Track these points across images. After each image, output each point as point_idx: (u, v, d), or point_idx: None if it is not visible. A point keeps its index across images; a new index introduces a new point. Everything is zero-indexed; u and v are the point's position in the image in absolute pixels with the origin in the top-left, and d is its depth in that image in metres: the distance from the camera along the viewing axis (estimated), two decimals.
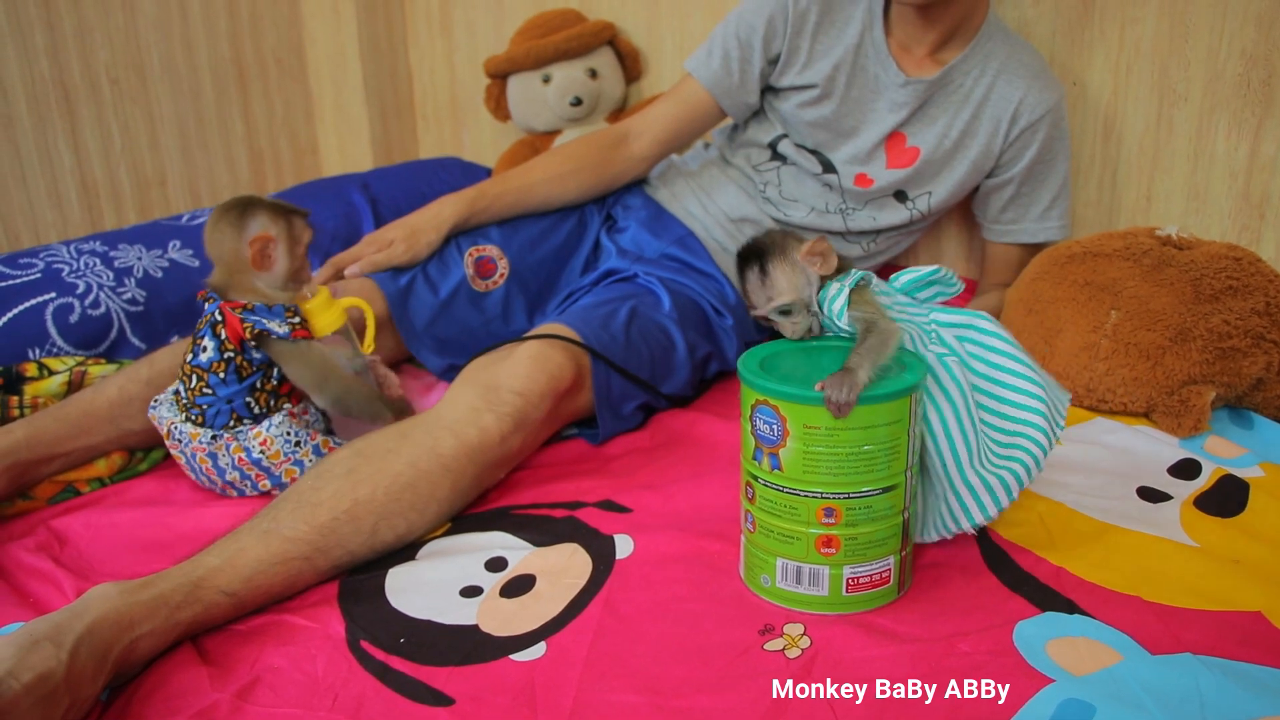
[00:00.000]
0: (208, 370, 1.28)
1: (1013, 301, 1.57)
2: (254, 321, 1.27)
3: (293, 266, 1.33)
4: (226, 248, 1.31)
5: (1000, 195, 1.69)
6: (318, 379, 1.30)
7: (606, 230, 1.75)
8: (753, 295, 1.10)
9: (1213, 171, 1.69)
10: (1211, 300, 1.40)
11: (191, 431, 1.30)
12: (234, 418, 1.30)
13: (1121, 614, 1.02)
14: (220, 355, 1.28)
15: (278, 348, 1.29)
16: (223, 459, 1.29)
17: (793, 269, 1.09)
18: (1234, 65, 1.63)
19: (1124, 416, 1.44)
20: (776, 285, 1.09)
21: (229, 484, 1.31)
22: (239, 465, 1.29)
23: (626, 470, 1.35)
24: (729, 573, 1.10)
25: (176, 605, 1.02)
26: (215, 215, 1.34)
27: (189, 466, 1.33)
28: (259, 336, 1.27)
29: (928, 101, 1.63)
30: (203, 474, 1.32)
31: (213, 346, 1.28)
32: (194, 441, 1.30)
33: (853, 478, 0.98)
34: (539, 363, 1.32)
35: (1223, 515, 1.20)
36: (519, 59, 2.15)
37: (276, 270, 1.32)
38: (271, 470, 1.30)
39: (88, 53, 2.15)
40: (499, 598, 1.09)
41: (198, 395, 1.29)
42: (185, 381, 1.31)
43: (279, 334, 1.27)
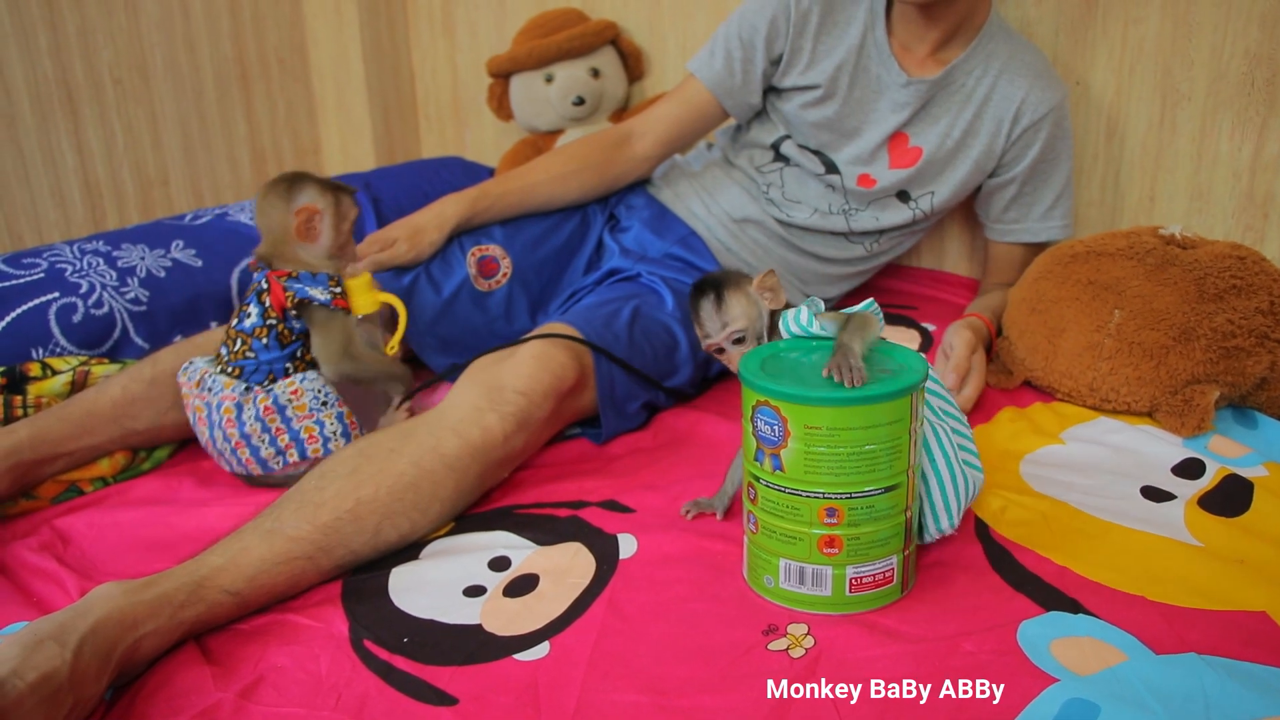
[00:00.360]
0: (251, 335, 1.32)
1: (1016, 301, 1.57)
2: (296, 289, 1.31)
3: (337, 241, 1.38)
4: (275, 218, 1.36)
5: (1003, 195, 1.69)
6: (341, 350, 1.34)
7: (610, 230, 1.75)
8: (707, 323, 1.13)
9: (1216, 171, 1.69)
10: (1215, 300, 1.40)
11: (225, 381, 1.32)
12: (270, 379, 1.32)
13: (1126, 614, 1.01)
14: (263, 321, 1.32)
15: (316, 314, 1.33)
16: (247, 410, 1.30)
17: (747, 299, 1.13)
18: (1237, 65, 1.62)
19: (1127, 416, 1.43)
20: (731, 312, 1.12)
21: (243, 438, 1.30)
22: (262, 415, 1.30)
23: (630, 470, 1.35)
24: (732, 573, 1.10)
25: (180, 604, 1.02)
26: (265, 187, 1.38)
27: (206, 421, 1.33)
28: (300, 304, 1.31)
29: (930, 101, 1.63)
30: (217, 428, 1.31)
31: (256, 313, 1.32)
32: (225, 390, 1.31)
33: (854, 477, 0.98)
34: (542, 362, 1.32)
35: (1227, 515, 1.20)
36: (521, 58, 2.15)
37: (321, 242, 1.37)
38: (292, 423, 1.30)
39: (91, 53, 2.16)
40: (502, 597, 1.09)
41: (239, 358, 1.32)
42: (229, 345, 1.34)
43: (320, 300, 1.32)
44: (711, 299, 1.12)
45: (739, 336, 1.12)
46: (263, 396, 1.30)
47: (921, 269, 2.02)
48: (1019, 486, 1.27)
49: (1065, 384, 1.47)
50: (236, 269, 1.74)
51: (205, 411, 1.33)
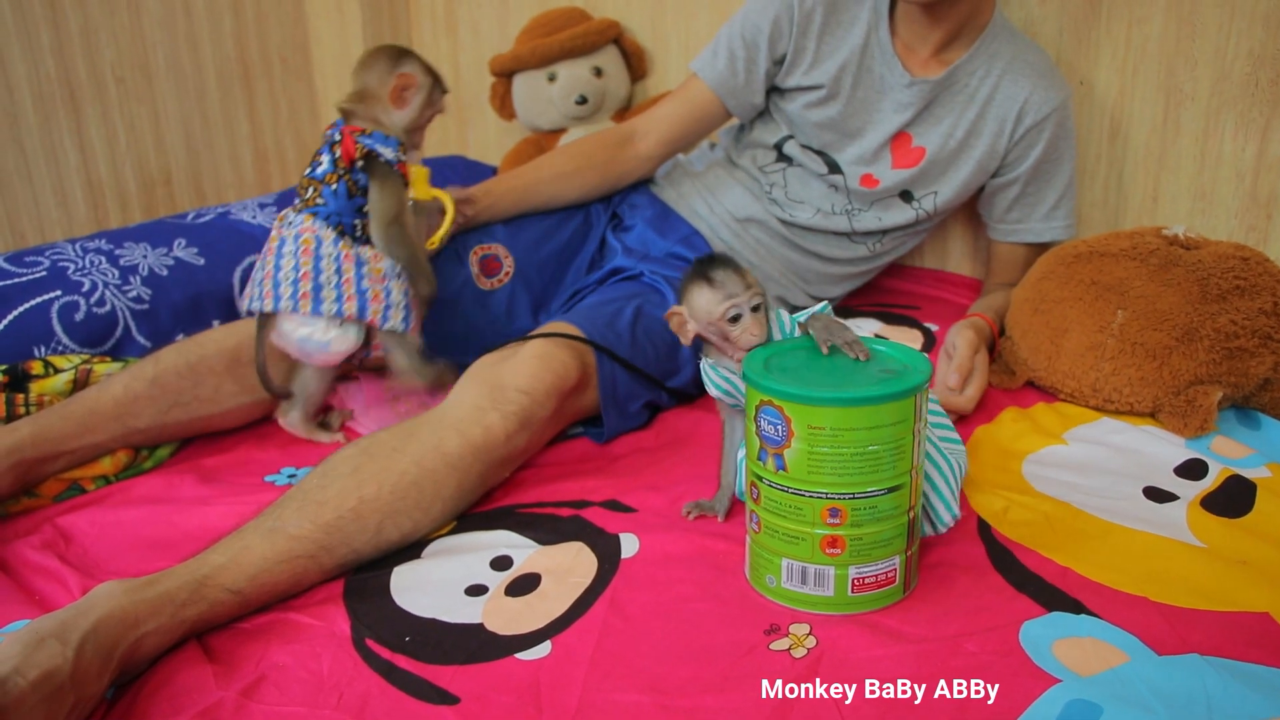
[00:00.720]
0: (322, 181, 1.37)
1: (1019, 301, 1.57)
2: (366, 143, 1.37)
3: (416, 122, 1.44)
4: (373, 78, 1.42)
5: (1006, 195, 1.69)
6: (393, 212, 1.38)
7: (612, 229, 1.75)
8: (729, 284, 1.09)
9: (1220, 171, 1.69)
10: (1219, 300, 1.39)
11: (308, 215, 1.37)
12: (339, 230, 1.37)
13: (1128, 614, 1.01)
14: (334, 169, 1.37)
15: (378, 170, 1.37)
16: (327, 248, 1.34)
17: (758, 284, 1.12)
18: (1241, 65, 1.62)
19: (1130, 416, 1.43)
20: (749, 278, 1.11)
21: (313, 272, 1.33)
22: (341, 259, 1.34)
23: (632, 470, 1.35)
24: (734, 573, 1.10)
25: (182, 603, 1.02)
26: (374, 49, 1.45)
27: (275, 253, 1.36)
28: (368, 157, 1.36)
29: (933, 101, 1.63)
30: (287, 257, 1.34)
31: (328, 161, 1.37)
32: (307, 223, 1.35)
33: (857, 478, 0.98)
34: (544, 361, 1.32)
35: (1229, 516, 1.20)
36: (524, 57, 2.15)
37: (405, 113, 1.42)
38: (363, 280, 1.34)
39: (93, 51, 2.16)
40: (504, 596, 1.09)
41: (310, 205, 1.37)
42: (301, 194, 1.39)
43: (387, 158, 1.37)
44: (732, 265, 1.10)
45: (758, 303, 1.10)
46: (345, 242, 1.35)
47: (924, 269, 2.02)
48: (1021, 487, 1.27)
49: (1068, 384, 1.47)
50: (239, 267, 1.74)
51: (278, 243, 1.36)
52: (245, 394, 1.46)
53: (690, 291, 1.11)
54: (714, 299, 1.09)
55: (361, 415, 1.51)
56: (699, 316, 1.11)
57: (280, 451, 1.45)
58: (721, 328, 1.10)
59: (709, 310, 1.10)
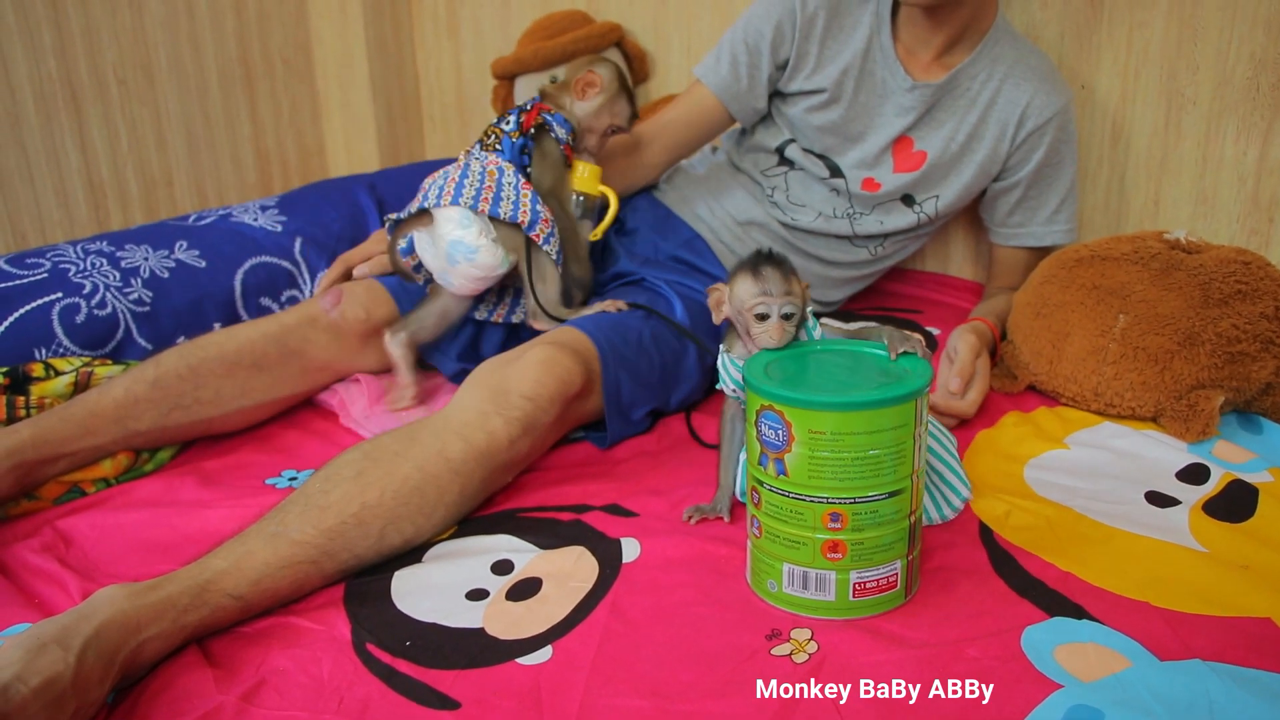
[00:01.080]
0: (505, 132, 1.51)
1: (1021, 305, 1.57)
2: (546, 118, 1.53)
3: (594, 123, 1.58)
4: (574, 69, 1.59)
5: (1007, 198, 1.69)
6: (548, 184, 1.52)
7: (615, 232, 1.75)
8: (770, 283, 1.09)
9: (1221, 175, 1.69)
10: (1220, 304, 1.39)
11: (492, 155, 1.50)
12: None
13: (1130, 620, 1.01)
14: (517, 126, 1.51)
15: (545, 145, 1.53)
16: (509, 176, 1.46)
17: (801, 289, 1.12)
18: (1243, 69, 1.62)
19: (1132, 421, 1.43)
20: (794, 287, 1.11)
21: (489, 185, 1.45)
22: (520, 185, 1.46)
23: (633, 474, 1.35)
24: (736, 577, 1.10)
25: (183, 608, 1.02)
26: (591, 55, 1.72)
27: (460, 168, 1.48)
28: (539, 130, 1.52)
29: (935, 105, 1.63)
30: (472, 173, 1.46)
31: (514, 121, 1.52)
32: (487, 155, 1.50)
33: (858, 482, 0.98)
34: (548, 367, 1.31)
35: (1231, 520, 1.20)
36: (526, 60, 2.15)
37: (583, 105, 1.57)
38: (536, 204, 1.46)
39: (95, 52, 2.16)
40: (505, 601, 1.09)
41: (489, 150, 1.51)
42: (483, 139, 1.53)
43: (558, 135, 1.53)
44: (782, 268, 1.11)
45: (792, 311, 1.10)
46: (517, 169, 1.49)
47: (926, 273, 2.02)
48: (1023, 491, 1.27)
49: (1070, 388, 1.47)
50: (240, 270, 1.74)
51: (463, 164, 1.49)
52: (246, 397, 1.46)
53: (736, 275, 1.13)
54: (751, 290, 1.10)
55: (362, 416, 1.50)
56: (734, 301, 1.13)
57: (281, 454, 1.45)
58: (748, 320, 1.11)
59: (742, 299, 1.11)
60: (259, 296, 1.75)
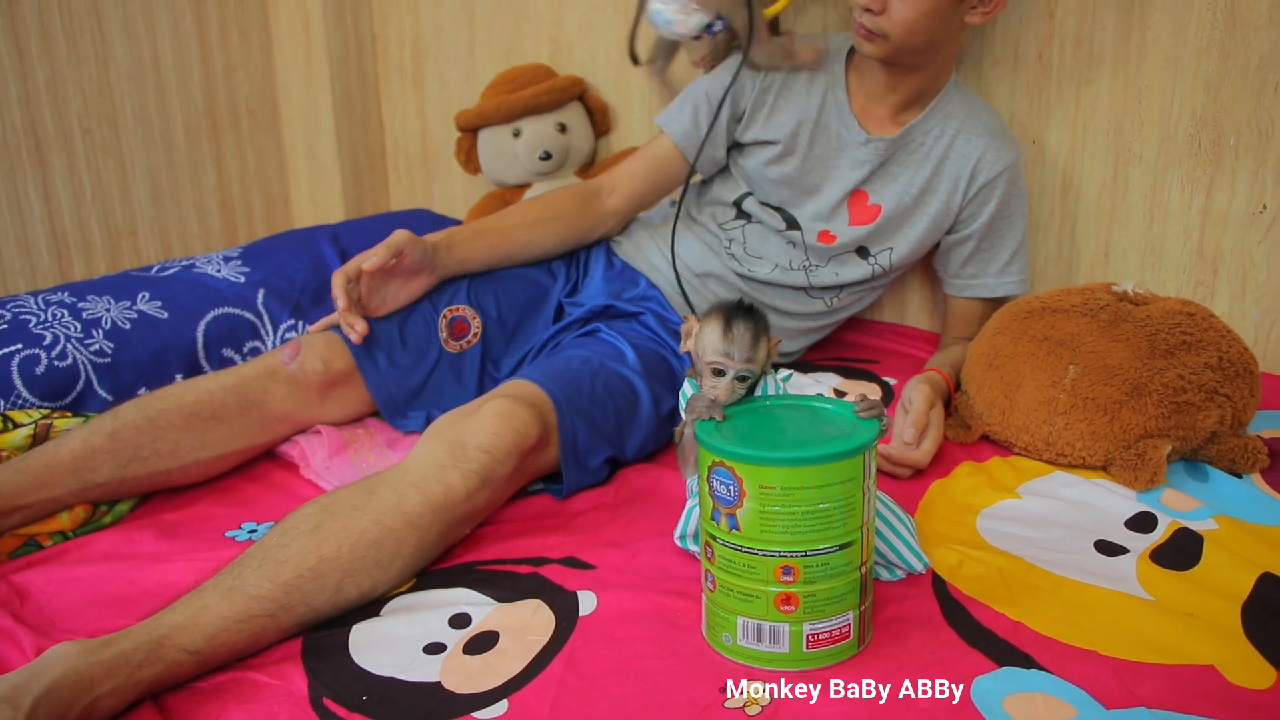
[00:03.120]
0: None
1: (974, 356, 1.60)
2: None
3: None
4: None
5: (961, 251, 1.72)
6: None
7: (571, 284, 1.77)
8: (735, 345, 1.11)
9: (1168, 227, 1.73)
10: (1166, 355, 1.43)
11: None
12: None
13: (1078, 669, 1.03)
14: None
15: None
16: None
17: (766, 351, 1.14)
18: (1185, 125, 1.67)
19: (1083, 470, 1.46)
20: (759, 353, 1.12)
21: None
22: None
23: (591, 526, 1.36)
24: (691, 630, 1.11)
25: (138, 664, 1.02)
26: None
27: None
28: None
29: (889, 160, 1.67)
30: None
31: None
32: None
33: (809, 536, 1.00)
34: (505, 420, 1.32)
35: (1178, 568, 1.22)
36: (489, 113, 2.17)
37: None
38: None
39: (60, 103, 2.16)
40: (462, 655, 1.10)
41: None
42: None
43: None
44: (751, 330, 1.12)
45: (747, 375, 1.12)
46: None
47: (883, 323, 2.04)
48: (976, 541, 1.29)
49: (1022, 438, 1.49)
50: (202, 321, 1.74)
51: None
52: (205, 448, 1.46)
53: (709, 320, 1.14)
54: (715, 345, 1.12)
55: (322, 468, 1.51)
56: (698, 343, 1.14)
57: (241, 507, 1.45)
58: (703, 368, 1.13)
59: (704, 348, 1.13)
60: (221, 348, 1.75)
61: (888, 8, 1.51)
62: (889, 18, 1.51)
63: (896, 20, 1.51)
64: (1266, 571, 1.19)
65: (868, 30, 1.54)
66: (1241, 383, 1.44)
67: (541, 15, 2.29)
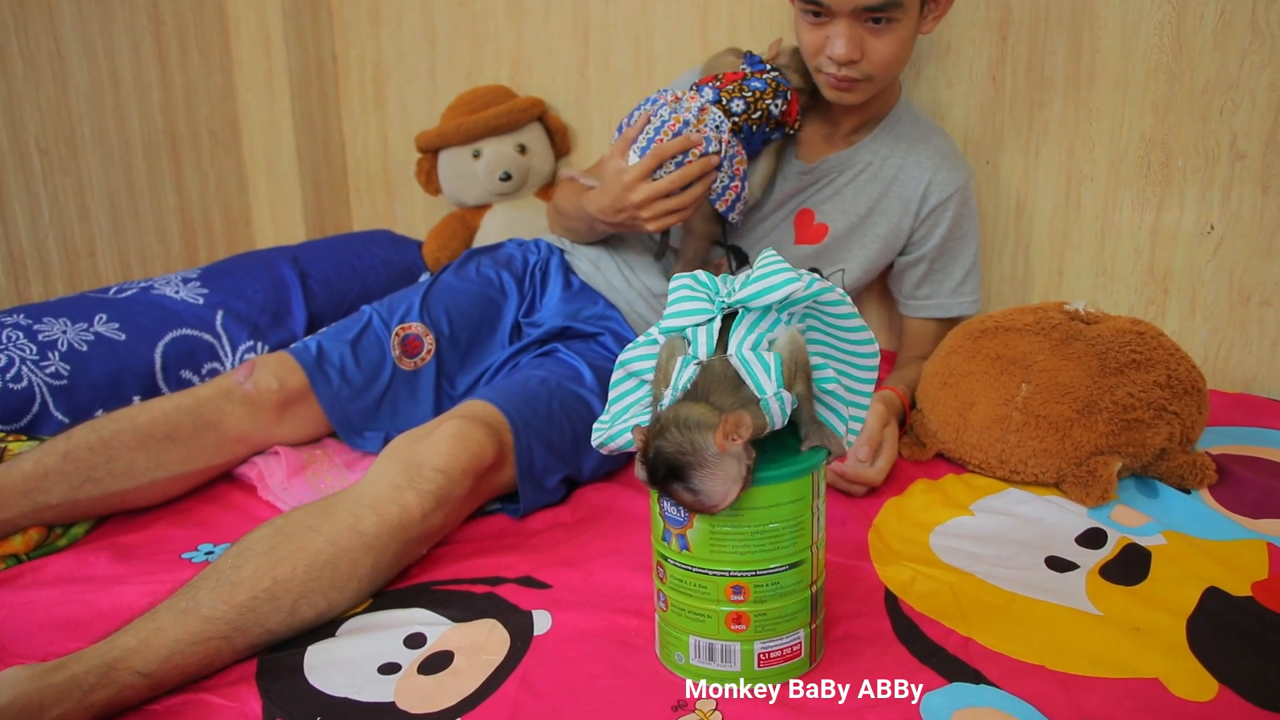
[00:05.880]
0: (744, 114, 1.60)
1: (929, 374, 1.62)
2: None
3: None
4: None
5: (914, 272, 1.75)
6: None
7: (527, 302, 1.77)
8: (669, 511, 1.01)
9: (1119, 247, 1.76)
10: (1116, 374, 1.45)
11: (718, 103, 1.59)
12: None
13: (1026, 684, 1.05)
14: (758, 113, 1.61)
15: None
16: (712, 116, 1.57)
17: (719, 464, 0.95)
18: (1135, 148, 1.70)
19: (1035, 487, 1.47)
20: (713, 496, 0.96)
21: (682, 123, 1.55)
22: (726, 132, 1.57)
23: (547, 546, 1.36)
24: (645, 650, 1.12)
25: (90, 688, 1.01)
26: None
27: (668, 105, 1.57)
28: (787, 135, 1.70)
29: (836, 179, 1.69)
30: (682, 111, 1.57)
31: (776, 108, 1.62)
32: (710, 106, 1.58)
33: (759, 555, 1.01)
34: (461, 440, 1.33)
35: (1126, 583, 1.24)
36: (449, 134, 2.18)
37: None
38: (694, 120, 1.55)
39: (17, 123, 2.15)
40: (417, 675, 1.10)
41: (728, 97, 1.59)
42: (722, 85, 1.62)
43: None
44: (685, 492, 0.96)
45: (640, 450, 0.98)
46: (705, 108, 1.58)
47: None
48: (928, 559, 1.30)
49: (976, 456, 1.51)
50: (160, 343, 1.73)
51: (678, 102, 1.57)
52: (160, 469, 1.45)
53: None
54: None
55: (280, 489, 1.50)
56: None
57: (198, 528, 1.44)
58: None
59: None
60: (179, 369, 1.74)
61: (866, 53, 1.52)
62: (869, 60, 1.53)
63: (878, 61, 1.53)
64: (1212, 586, 1.21)
65: (849, 80, 1.55)
66: (1190, 400, 1.46)
67: (502, 37, 2.31)
